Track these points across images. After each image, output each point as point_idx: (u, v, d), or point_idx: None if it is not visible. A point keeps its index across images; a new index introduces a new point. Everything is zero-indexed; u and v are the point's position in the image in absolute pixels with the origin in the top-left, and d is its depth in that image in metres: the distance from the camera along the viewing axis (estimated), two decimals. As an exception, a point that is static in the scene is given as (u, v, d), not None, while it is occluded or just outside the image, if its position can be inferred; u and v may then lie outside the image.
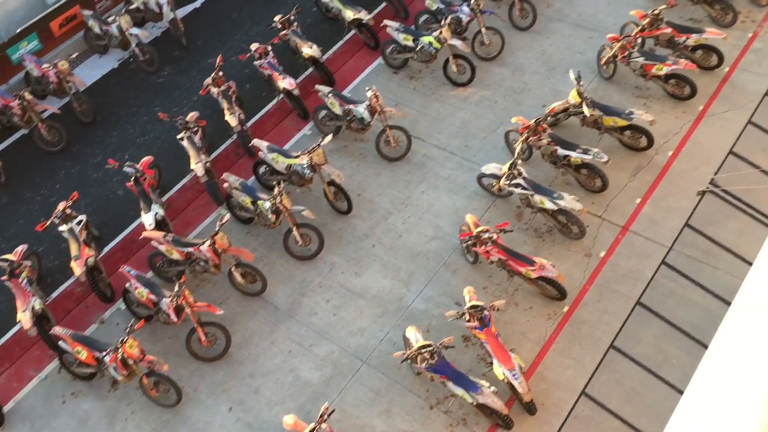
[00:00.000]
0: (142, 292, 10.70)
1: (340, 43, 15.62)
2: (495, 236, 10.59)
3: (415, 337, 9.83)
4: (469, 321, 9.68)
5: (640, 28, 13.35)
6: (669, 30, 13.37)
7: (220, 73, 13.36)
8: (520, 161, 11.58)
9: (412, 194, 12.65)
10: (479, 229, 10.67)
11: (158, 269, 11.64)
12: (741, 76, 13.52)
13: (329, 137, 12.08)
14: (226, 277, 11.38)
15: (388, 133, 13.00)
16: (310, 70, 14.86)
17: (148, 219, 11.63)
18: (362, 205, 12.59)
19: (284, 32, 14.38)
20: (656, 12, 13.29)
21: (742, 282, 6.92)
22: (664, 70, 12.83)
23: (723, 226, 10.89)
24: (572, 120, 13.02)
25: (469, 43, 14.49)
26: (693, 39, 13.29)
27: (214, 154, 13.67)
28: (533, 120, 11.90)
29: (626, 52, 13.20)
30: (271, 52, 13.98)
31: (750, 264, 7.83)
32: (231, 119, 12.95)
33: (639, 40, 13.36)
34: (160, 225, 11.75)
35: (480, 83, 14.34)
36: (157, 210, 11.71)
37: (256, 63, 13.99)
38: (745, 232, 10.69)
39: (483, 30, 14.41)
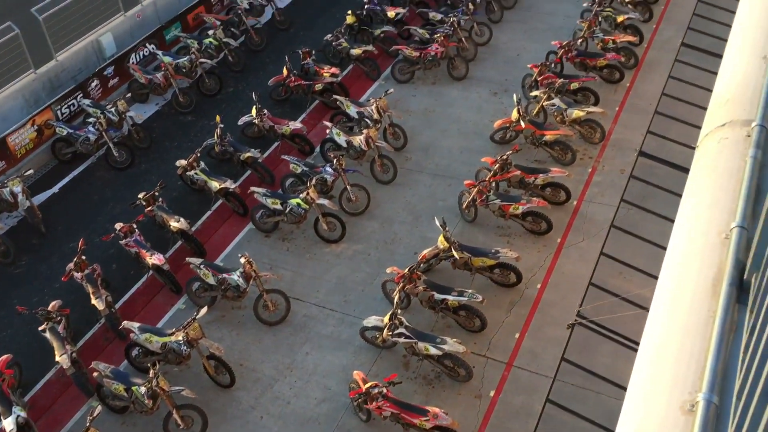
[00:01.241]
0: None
1: (209, 213, 15.61)
2: (384, 390, 10.42)
3: None
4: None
5: (492, 172, 14.32)
6: (518, 172, 14.43)
7: (83, 257, 12.89)
8: (399, 311, 11.70)
9: (297, 357, 12.34)
10: (368, 385, 10.48)
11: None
12: (588, 207, 14.65)
13: (204, 309, 11.76)
14: None
15: (266, 298, 12.83)
16: (180, 243, 14.64)
17: (8, 425, 10.56)
18: (246, 375, 12.10)
19: (149, 208, 14.23)
20: (504, 157, 14.36)
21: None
22: (520, 209, 13.71)
23: (596, 352, 11.32)
24: (444, 264, 13.43)
25: (336, 200, 14.91)
26: (541, 178, 14.39)
27: (81, 342, 12.86)
28: (407, 269, 12.18)
29: (484, 196, 14.03)
30: (136, 230, 13.72)
31: (625, 389, 8.08)
32: (97, 303, 12.36)
33: (493, 184, 14.29)
34: (22, 429, 10.68)
35: (351, 238, 14.64)
36: (18, 413, 10.68)
37: (122, 242, 13.64)
38: (618, 357, 11.14)
39: (348, 187, 14.93)
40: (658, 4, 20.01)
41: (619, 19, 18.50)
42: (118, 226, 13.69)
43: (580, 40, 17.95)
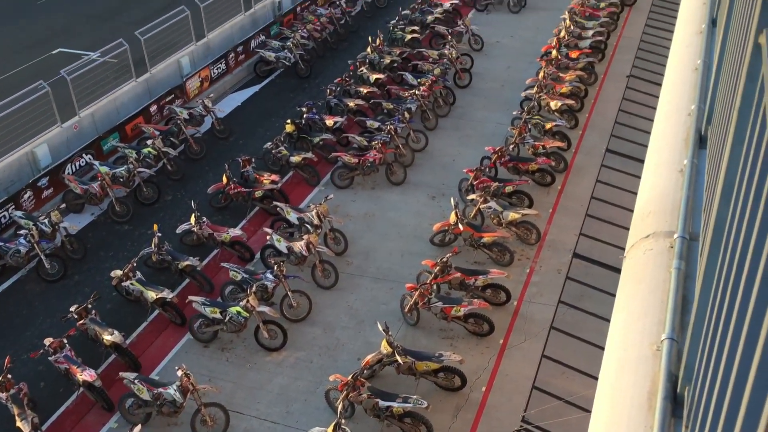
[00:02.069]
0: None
1: (145, 324, 15.14)
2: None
3: None
4: None
5: (433, 275, 14.45)
6: (458, 274, 14.60)
7: (9, 375, 12.23)
8: (343, 420, 11.38)
9: (237, 475, 11.77)
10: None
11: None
12: (528, 307, 14.84)
13: (139, 427, 11.21)
14: None
15: (204, 412, 12.32)
16: (113, 357, 14.07)
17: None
18: (182, 498, 11.43)
19: (81, 322, 13.72)
20: (444, 260, 14.55)
21: None
22: (462, 311, 13.78)
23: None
24: (388, 369, 13.25)
25: (277, 307, 14.70)
26: (481, 280, 14.58)
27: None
28: (350, 375, 11.95)
29: (425, 299, 14.08)
30: (67, 345, 13.15)
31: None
32: (23, 426, 11.65)
33: (435, 287, 14.39)
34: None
35: (293, 345, 14.36)
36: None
37: (51, 358, 13.02)
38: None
39: (289, 293, 14.78)
40: (582, 111, 21.15)
41: (548, 126, 19.43)
42: (47, 341, 13.11)
43: (512, 146, 18.72)
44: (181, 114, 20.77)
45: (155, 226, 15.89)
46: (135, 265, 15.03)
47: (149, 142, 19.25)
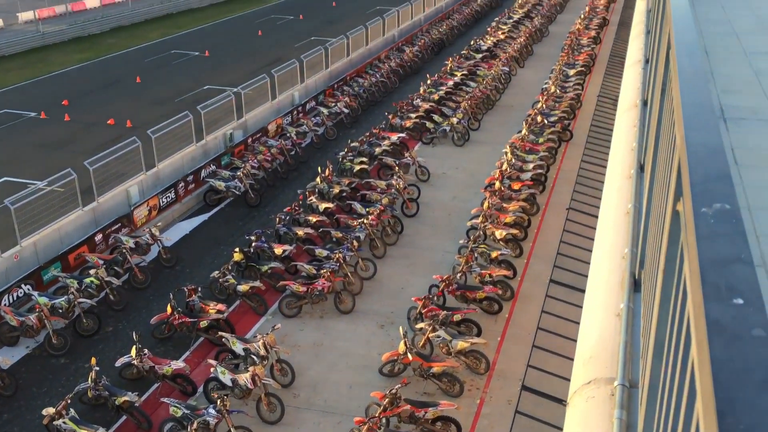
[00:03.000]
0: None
1: None
2: None
3: None
4: None
5: (382, 408, 14.08)
6: (408, 407, 14.26)
7: None
8: None
9: None
10: None
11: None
12: (480, 440, 14.50)
13: None
14: None
15: None
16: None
17: None
18: None
19: None
20: (393, 391, 14.25)
21: None
22: (412, 446, 13.36)
23: None
24: None
25: (219, 446, 14.01)
26: (431, 412, 14.25)
27: None
28: None
29: (374, 434, 13.63)
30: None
31: None
32: None
33: (384, 420, 13.97)
34: None
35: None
36: None
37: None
38: None
39: (232, 429, 14.14)
40: (526, 241, 21.73)
41: (494, 254, 19.83)
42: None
43: (459, 274, 18.95)
44: (127, 243, 20.54)
45: (93, 360, 15.27)
46: (69, 401, 14.29)
47: (92, 271, 18.86)
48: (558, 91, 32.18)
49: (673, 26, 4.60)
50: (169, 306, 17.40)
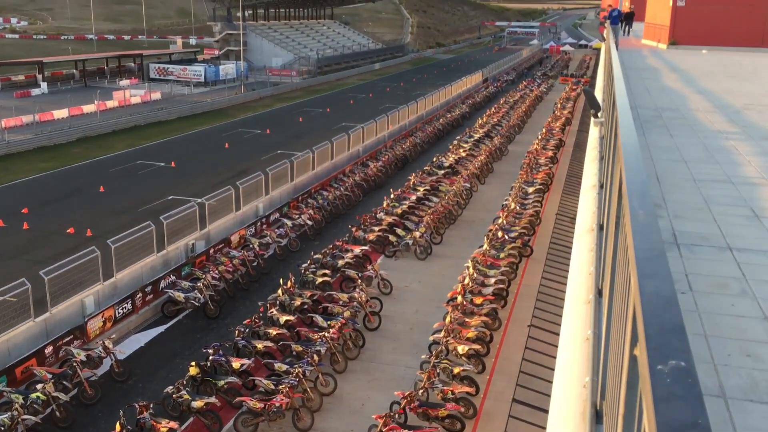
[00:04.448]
0: None
1: None
2: None
3: None
4: None
5: None
6: None
7: None
8: None
9: None
10: None
11: None
12: None
13: None
14: None
15: None
16: None
17: None
18: None
19: None
20: None
21: None
22: None
23: None
24: None
25: None
26: None
27: None
28: None
29: None
30: None
31: None
32: None
33: None
34: None
35: None
36: None
37: None
38: None
39: None
40: (489, 356, 21.55)
41: (456, 370, 19.56)
42: None
43: (421, 391, 18.58)
44: (78, 356, 19.82)
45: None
46: None
47: (39, 386, 18.05)
48: (518, 207, 32.97)
49: (623, 155, 4.81)
50: (118, 424, 16.59)
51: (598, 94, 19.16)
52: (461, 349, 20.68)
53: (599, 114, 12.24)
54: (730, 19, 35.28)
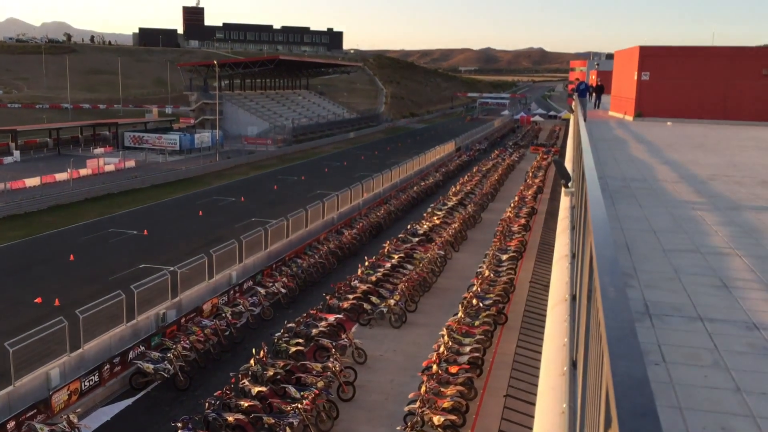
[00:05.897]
0: None
1: None
2: None
3: None
4: None
5: None
6: None
7: None
8: None
9: None
10: None
11: None
12: None
13: None
14: None
15: None
16: None
17: None
18: None
19: None
20: None
21: None
22: None
23: None
24: None
25: None
26: None
27: None
28: None
29: None
30: None
31: None
32: None
33: None
34: None
35: None
36: None
37: None
38: None
39: None
40: (465, 426, 21.20)
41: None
42: None
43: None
44: (42, 431, 19.10)
45: None
46: None
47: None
48: (492, 275, 33.07)
49: (593, 229, 4.88)
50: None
51: (568, 164, 19.57)
52: (437, 419, 20.33)
53: (569, 184, 12.49)
54: (693, 92, 36.63)
